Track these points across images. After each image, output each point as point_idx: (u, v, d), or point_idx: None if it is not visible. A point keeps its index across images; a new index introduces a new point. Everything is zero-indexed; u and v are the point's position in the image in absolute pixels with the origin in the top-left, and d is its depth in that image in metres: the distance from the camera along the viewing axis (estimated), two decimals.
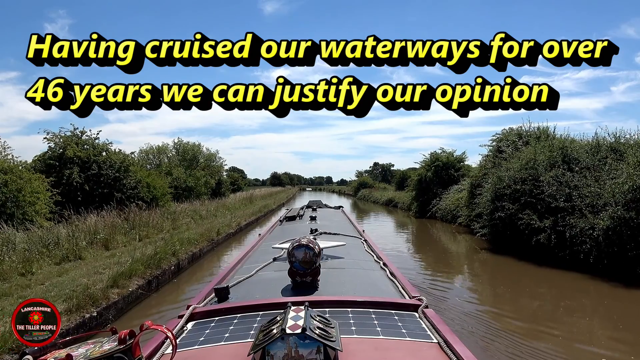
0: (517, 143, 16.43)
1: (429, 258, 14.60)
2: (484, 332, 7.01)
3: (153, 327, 1.65)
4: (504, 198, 13.62)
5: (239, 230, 19.72)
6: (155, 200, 20.59)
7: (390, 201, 42.54)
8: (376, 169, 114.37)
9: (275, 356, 1.60)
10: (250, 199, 37.87)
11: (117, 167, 18.93)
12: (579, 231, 10.92)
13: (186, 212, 20.39)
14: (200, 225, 18.52)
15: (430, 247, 17.41)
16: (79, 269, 9.28)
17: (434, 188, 27.66)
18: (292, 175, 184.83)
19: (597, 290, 9.75)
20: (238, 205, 31.83)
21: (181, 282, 10.44)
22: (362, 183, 69.08)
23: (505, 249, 13.60)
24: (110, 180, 18.44)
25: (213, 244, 14.59)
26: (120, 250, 12.05)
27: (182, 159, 31.97)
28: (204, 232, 14.38)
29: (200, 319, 2.48)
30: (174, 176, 28.55)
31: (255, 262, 3.86)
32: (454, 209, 23.20)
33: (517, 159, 14.29)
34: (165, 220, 18.02)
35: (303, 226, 6.07)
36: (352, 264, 3.76)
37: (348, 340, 1.96)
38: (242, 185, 56.24)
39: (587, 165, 12.53)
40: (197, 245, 12.76)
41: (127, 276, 7.93)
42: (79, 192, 17.42)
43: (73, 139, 18.85)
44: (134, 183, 19.13)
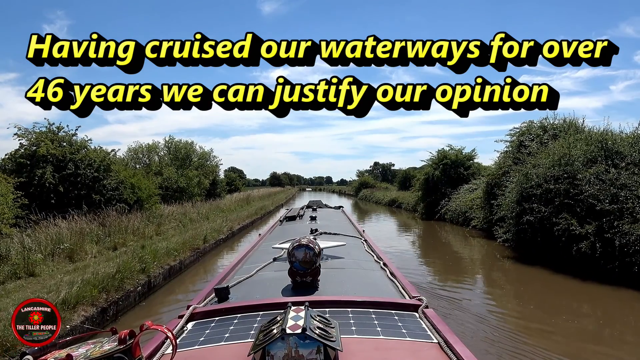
0: (542, 137, 14.61)
1: (441, 266, 12.80)
2: None
3: (153, 327, 1.63)
4: (533, 199, 11.82)
5: (231, 236, 17.87)
6: (140, 202, 18.75)
7: (394, 202, 40.66)
8: (376, 169, 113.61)
9: (275, 356, 1.60)
10: (247, 200, 36.09)
11: (97, 166, 17.09)
12: (633, 239, 9.11)
13: (174, 215, 18.58)
14: (189, 229, 16.76)
15: (441, 253, 15.58)
16: (23, 290, 7.48)
17: (442, 188, 25.91)
18: (292, 175, 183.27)
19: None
20: (234, 206, 30.04)
21: (152, 304, 8.59)
22: (364, 183, 67.18)
23: (535, 258, 11.79)
24: (89, 180, 16.60)
25: (198, 253, 12.71)
26: (88, 262, 10.26)
27: (174, 158, 30.08)
28: (188, 240, 12.47)
29: (201, 319, 2.46)
30: (164, 176, 26.71)
31: (255, 262, 3.84)
32: (466, 211, 21.43)
33: (546, 154, 12.47)
34: (149, 225, 16.23)
35: (303, 226, 6.03)
36: (352, 264, 3.74)
37: (348, 340, 1.95)
38: (240, 186, 54.29)
39: (633, 160, 10.71)
40: (178, 257, 10.90)
41: (71, 305, 6.10)
42: (52, 194, 15.59)
43: (48, 135, 17.01)
44: (115, 184, 17.29)
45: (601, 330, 7.37)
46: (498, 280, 11.66)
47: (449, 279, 11.03)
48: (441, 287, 9.92)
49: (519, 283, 10.98)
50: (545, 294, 9.72)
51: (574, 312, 8.26)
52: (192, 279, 10.86)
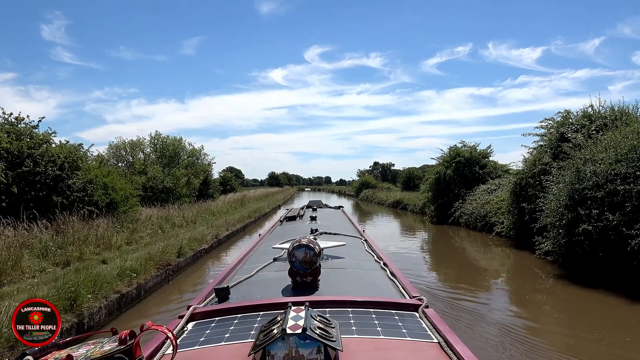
0: (589, 127, 12.15)
1: (467, 281, 10.38)
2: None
3: (153, 327, 1.62)
4: (591, 203, 9.38)
5: (217, 245, 15.34)
6: (114, 205, 16.25)
7: (398, 203, 38.15)
8: (376, 169, 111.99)
9: (275, 356, 1.59)
10: (242, 202, 33.63)
11: (60, 163, 14.59)
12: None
13: (151, 220, 16.08)
14: (171, 236, 14.30)
15: (464, 267, 13.12)
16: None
17: (455, 188, 23.47)
18: (291, 175, 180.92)
19: None
20: (226, 208, 27.56)
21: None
22: (365, 183, 64.69)
23: (593, 279, 9.35)
24: (49, 180, 14.10)
25: (168, 271, 10.13)
26: (20, 285, 7.81)
27: (161, 156, 27.53)
28: (155, 254, 9.86)
29: (201, 319, 2.45)
30: (148, 175, 24.22)
31: (255, 262, 3.81)
32: (485, 214, 18.98)
33: (605, 148, 10.00)
34: (120, 232, 13.77)
35: (303, 226, 6.01)
36: (352, 264, 3.70)
37: (348, 340, 1.94)
38: (236, 186, 51.71)
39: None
40: (136, 279, 8.34)
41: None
42: (4, 196, 13.12)
43: (4, 126, 14.54)
44: (81, 184, 14.78)
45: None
46: (542, 305, 9.25)
47: (482, 302, 8.63)
48: (474, 314, 7.57)
49: (576, 311, 8.56)
50: (616, 327, 7.33)
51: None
52: (154, 309, 8.28)
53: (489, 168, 23.82)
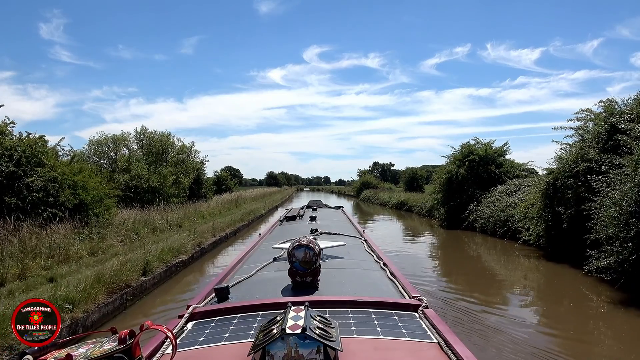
0: None
1: (496, 298, 8.24)
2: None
3: (153, 327, 1.60)
4: None
5: (201, 255, 13.16)
6: (84, 207, 14.12)
7: (403, 204, 35.96)
8: (376, 169, 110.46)
9: (275, 356, 1.56)
10: (237, 202, 31.49)
11: (17, 159, 12.48)
12: None
13: (126, 224, 13.94)
14: (149, 243, 12.19)
15: (491, 285, 11.01)
16: None
17: (468, 189, 21.38)
18: (290, 175, 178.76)
19: None
20: (218, 210, 25.43)
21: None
22: (366, 183, 62.54)
23: None
24: (2, 177, 11.99)
25: (125, 296, 7.83)
26: None
27: (148, 153, 25.36)
28: (106, 274, 7.54)
29: (200, 319, 2.43)
30: (132, 173, 22.08)
31: (255, 262, 3.78)
32: (506, 218, 16.88)
33: None
34: (83, 241, 11.63)
35: (303, 226, 5.98)
36: (352, 264, 3.66)
37: (348, 340, 1.92)
38: (232, 185, 49.48)
39: None
40: (71, 313, 6.14)
41: None
42: None
43: None
44: (42, 182, 12.64)
45: None
46: (598, 332, 7.17)
47: (518, 323, 6.51)
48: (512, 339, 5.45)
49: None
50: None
51: None
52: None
53: (506, 167, 21.74)
